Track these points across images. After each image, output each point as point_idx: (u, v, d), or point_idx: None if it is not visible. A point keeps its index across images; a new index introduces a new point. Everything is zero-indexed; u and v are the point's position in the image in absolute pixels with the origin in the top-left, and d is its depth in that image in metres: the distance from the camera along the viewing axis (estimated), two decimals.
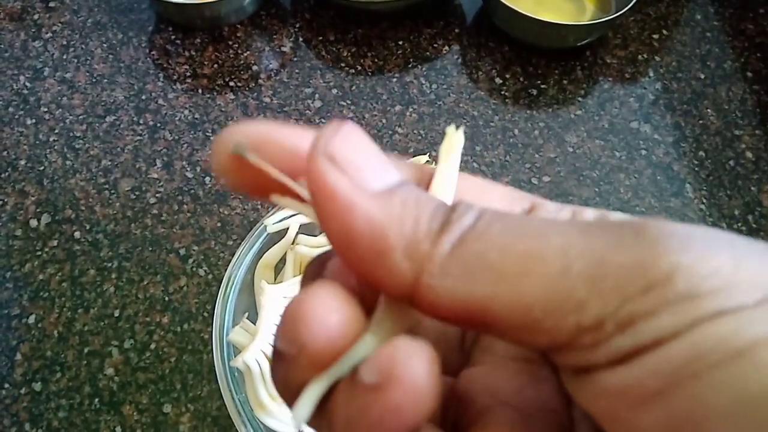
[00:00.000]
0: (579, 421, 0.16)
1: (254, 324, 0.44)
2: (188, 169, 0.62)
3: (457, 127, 0.19)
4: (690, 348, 0.12)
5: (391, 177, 0.14)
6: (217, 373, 0.43)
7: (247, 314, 0.45)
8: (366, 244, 0.13)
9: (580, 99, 0.68)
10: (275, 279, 0.49)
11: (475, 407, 0.17)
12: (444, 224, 0.13)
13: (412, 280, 0.13)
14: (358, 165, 0.14)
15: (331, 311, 0.14)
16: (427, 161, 0.50)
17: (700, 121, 0.67)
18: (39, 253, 0.57)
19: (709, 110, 0.68)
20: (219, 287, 0.47)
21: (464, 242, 0.13)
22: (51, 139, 0.63)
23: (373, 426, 0.13)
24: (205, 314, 0.54)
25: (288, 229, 0.47)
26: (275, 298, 0.42)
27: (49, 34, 0.70)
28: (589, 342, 0.12)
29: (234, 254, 0.48)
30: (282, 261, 0.49)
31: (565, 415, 0.16)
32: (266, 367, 0.42)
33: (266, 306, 0.42)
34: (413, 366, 0.13)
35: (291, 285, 0.44)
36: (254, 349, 0.42)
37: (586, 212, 0.17)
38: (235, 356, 0.43)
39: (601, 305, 0.12)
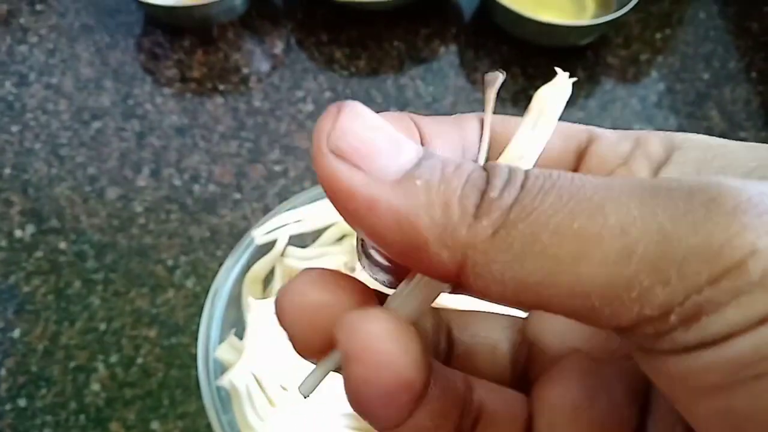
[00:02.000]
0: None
1: (241, 340, 0.43)
2: (176, 176, 0.60)
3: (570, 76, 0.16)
4: (756, 347, 0.10)
5: (407, 154, 0.13)
6: (203, 392, 0.41)
7: (234, 330, 0.44)
8: (398, 239, 0.12)
9: (581, 100, 0.66)
10: (264, 292, 0.47)
11: (546, 354, 0.17)
12: (481, 203, 0.12)
13: (456, 268, 0.12)
14: (368, 153, 0.12)
15: (304, 296, 0.14)
16: None
17: (704, 123, 0.66)
18: (24, 264, 0.55)
19: (713, 111, 0.66)
20: None
21: (509, 224, 0.12)
22: (36, 147, 0.62)
23: (354, 402, 0.13)
24: (194, 327, 0.52)
25: (276, 240, 0.46)
26: (263, 314, 0.41)
27: (36, 38, 0.69)
28: (651, 332, 0.11)
29: (222, 266, 0.46)
30: (271, 274, 0.47)
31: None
32: (254, 387, 0.41)
33: (253, 323, 0.41)
34: (364, 337, 0.12)
35: None
36: (241, 368, 0.41)
37: (651, 141, 0.16)
38: (222, 373, 0.42)
39: (665, 295, 0.11)
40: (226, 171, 0.60)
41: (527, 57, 0.69)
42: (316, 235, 0.47)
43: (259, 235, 0.46)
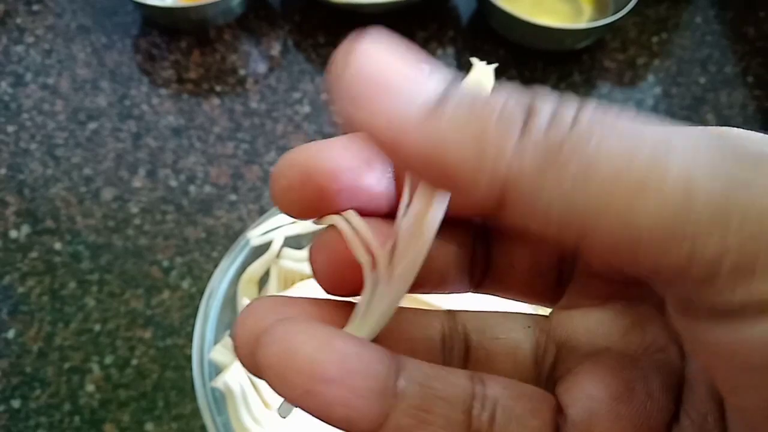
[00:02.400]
0: (690, 356, 0.15)
1: None
2: (172, 177, 0.60)
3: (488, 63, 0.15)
4: None
5: (431, 85, 0.12)
6: (197, 394, 0.41)
7: (229, 331, 0.43)
8: (433, 176, 0.12)
9: None
10: (259, 293, 0.47)
11: (575, 353, 0.16)
12: (524, 134, 0.11)
13: (495, 200, 0.11)
14: (386, 92, 0.11)
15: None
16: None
17: None
18: (19, 265, 0.55)
19: (709, 116, 0.66)
20: None
21: (563, 151, 0.11)
22: (32, 147, 0.61)
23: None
24: (189, 329, 0.52)
25: (272, 242, 0.46)
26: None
27: (32, 39, 0.69)
28: (697, 281, 0.11)
29: (217, 267, 0.46)
30: (266, 275, 0.47)
31: (673, 352, 0.15)
32: (249, 389, 0.40)
33: None
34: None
35: None
36: (236, 369, 0.41)
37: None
38: (217, 374, 0.42)
39: (720, 244, 0.10)
40: (222, 172, 0.60)
41: (524, 60, 0.69)
42: (312, 236, 0.47)
43: (254, 236, 0.46)
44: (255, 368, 0.14)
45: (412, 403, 0.14)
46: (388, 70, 0.12)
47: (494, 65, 0.15)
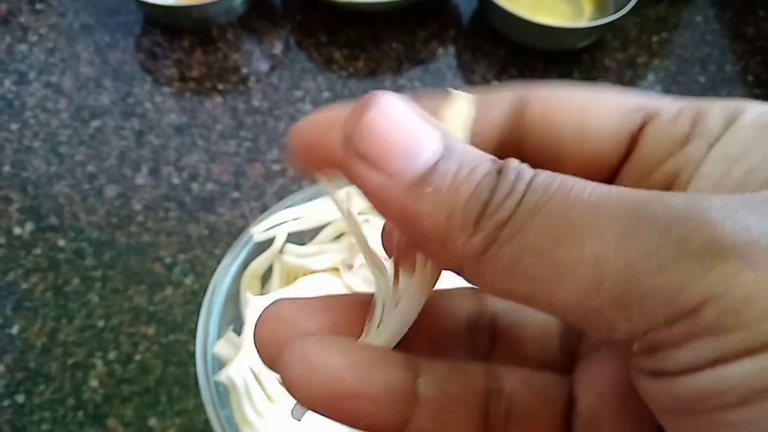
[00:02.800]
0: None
1: (240, 336, 0.43)
2: (175, 175, 0.60)
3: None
4: (705, 386, 0.11)
5: (426, 154, 0.13)
6: (201, 388, 0.42)
7: (232, 326, 0.44)
8: (409, 235, 0.14)
9: None
10: (262, 289, 0.47)
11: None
12: (481, 216, 0.13)
13: (455, 267, 0.13)
14: (386, 155, 0.13)
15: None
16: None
17: None
18: (23, 261, 0.56)
19: None
20: None
21: (499, 242, 0.12)
22: (35, 145, 0.62)
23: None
24: (192, 325, 0.52)
25: (275, 238, 0.46)
26: (260, 309, 0.41)
27: (36, 37, 0.69)
28: (623, 353, 0.13)
29: (220, 262, 0.46)
30: (269, 271, 0.47)
31: None
32: (252, 383, 0.41)
33: (251, 319, 0.41)
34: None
35: (277, 296, 0.43)
36: (239, 363, 0.41)
37: (710, 117, 0.15)
38: (220, 369, 0.42)
39: (627, 328, 0.12)
40: (224, 170, 0.61)
41: (524, 60, 0.69)
42: (314, 233, 0.48)
43: (257, 232, 0.46)
44: (278, 372, 0.15)
45: (432, 408, 0.15)
46: (393, 133, 0.13)
47: (472, 96, 0.15)
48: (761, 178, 0.13)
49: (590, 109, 0.16)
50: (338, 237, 0.48)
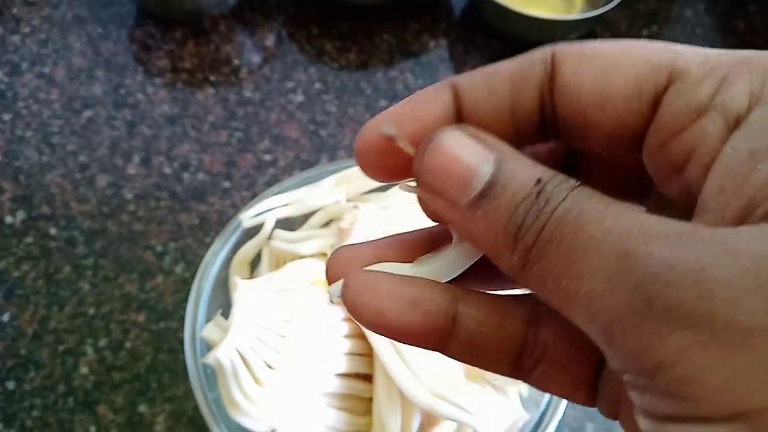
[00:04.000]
0: None
1: (228, 320, 0.43)
2: (166, 164, 0.60)
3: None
4: None
5: (478, 181, 0.15)
6: (189, 371, 0.42)
7: (221, 311, 0.44)
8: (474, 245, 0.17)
9: None
10: (251, 274, 0.47)
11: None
12: (515, 237, 0.14)
13: (510, 275, 0.15)
14: (445, 187, 0.15)
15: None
16: None
17: None
18: (14, 250, 0.56)
19: None
20: None
21: (529, 263, 0.14)
22: (27, 135, 0.62)
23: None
24: (182, 312, 0.52)
25: (264, 224, 0.46)
26: (249, 293, 0.41)
27: (28, 29, 0.69)
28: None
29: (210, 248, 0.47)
30: (258, 256, 0.47)
31: None
32: (240, 365, 0.41)
33: (239, 301, 0.41)
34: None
35: (266, 280, 0.43)
36: (227, 346, 0.41)
37: (738, 84, 0.14)
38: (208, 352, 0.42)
39: (614, 365, 0.14)
40: (215, 160, 0.61)
41: (516, 52, 0.69)
42: (304, 219, 0.48)
43: (246, 218, 0.46)
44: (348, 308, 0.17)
45: (464, 342, 0.17)
46: (449, 167, 0.15)
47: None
48: None
49: (613, 71, 0.15)
50: (327, 223, 0.48)
